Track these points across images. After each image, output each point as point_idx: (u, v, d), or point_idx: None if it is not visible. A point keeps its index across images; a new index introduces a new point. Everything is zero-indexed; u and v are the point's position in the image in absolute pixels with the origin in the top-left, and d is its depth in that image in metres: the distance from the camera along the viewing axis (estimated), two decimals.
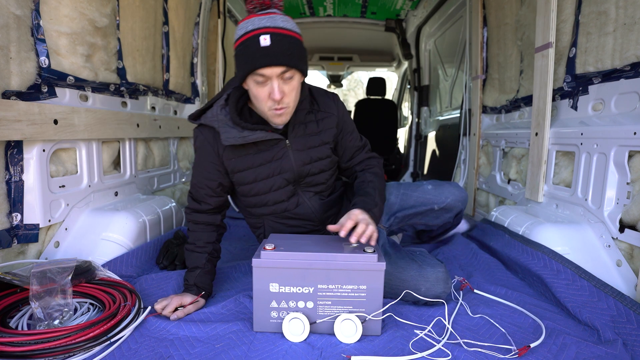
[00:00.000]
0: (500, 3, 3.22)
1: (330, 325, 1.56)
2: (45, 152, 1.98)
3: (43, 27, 1.95)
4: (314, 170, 1.90)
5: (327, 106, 1.92)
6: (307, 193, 1.94)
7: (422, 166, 6.10)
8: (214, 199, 1.87)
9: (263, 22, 1.54)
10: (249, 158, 1.79)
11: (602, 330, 1.56)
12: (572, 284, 1.90)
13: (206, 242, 1.84)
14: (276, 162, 1.82)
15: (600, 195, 2.11)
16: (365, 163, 2.03)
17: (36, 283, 1.50)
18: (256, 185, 1.84)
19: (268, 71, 1.54)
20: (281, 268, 1.53)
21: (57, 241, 2.09)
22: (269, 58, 1.51)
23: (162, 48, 3.15)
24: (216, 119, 1.74)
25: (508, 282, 2.15)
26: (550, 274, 2.00)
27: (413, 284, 1.78)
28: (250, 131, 1.71)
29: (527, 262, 2.14)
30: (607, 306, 1.73)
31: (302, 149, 1.84)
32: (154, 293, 1.91)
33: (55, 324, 1.49)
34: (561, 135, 2.44)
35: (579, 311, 1.71)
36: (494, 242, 2.55)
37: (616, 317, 1.66)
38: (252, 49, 1.52)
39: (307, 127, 1.86)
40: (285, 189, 1.87)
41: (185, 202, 3.59)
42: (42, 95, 1.97)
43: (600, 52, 2.13)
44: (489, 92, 3.54)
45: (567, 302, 1.80)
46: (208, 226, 1.87)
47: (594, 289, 1.83)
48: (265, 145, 1.79)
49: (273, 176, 1.84)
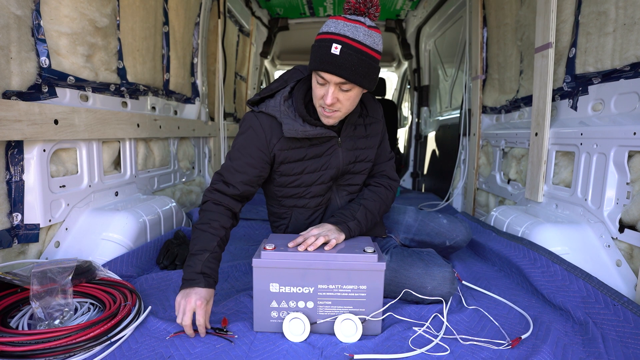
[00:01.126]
0: (500, 3, 3.22)
1: (330, 325, 1.56)
2: (46, 152, 1.98)
3: (43, 27, 1.96)
4: (355, 170, 1.94)
5: (375, 112, 1.98)
6: (342, 192, 1.97)
7: (422, 166, 6.11)
8: (246, 187, 1.79)
9: (344, 30, 1.53)
10: (301, 151, 1.80)
11: (574, 312, 1.69)
12: (546, 270, 2.01)
13: (221, 225, 1.69)
14: (326, 157, 1.84)
15: (600, 195, 2.12)
16: (377, 179, 2.04)
17: (37, 283, 1.50)
18: (302, 177, 1.84)
19: (328, 77, 1.56)
20: (281, 268, 1.54)
21: (58, 241, 2.09)
22: (332, 67, 1.53)
23: (163, 48, 3.15)
24: (278, 109, 1.74)
25: (486, 274, 2.27)
26: (528, 263, 2.11)
27: (419, 281, 1.79)
28: (311, 126, 1.73)
29: (509, 254, 2.24)
30: (577, 288, 1.86)
31: (350, 148, 1.88)
32: (154, 293, 1.92)
33: (56, 324, 1.49)
34: (561, 135, 2.44)
35: (553, 296, 1.84)
36: (478, 236, 2.66)
37: (586, 297, 1.79)
38: (323, 51, 1.54)
39: (357, 129, 1.90)
40: (327, 184, 1.89)
41: (185, 202, 3.63)
42: (42, 96, 1.98)
43: (600, 52, 2.13)
44: (488, 92, 3.54)
45: (542, 289, 1.93)
46: (227, 210, 1.76)
47: (565, 273, 1.94)
48: (318, 140, 1.81)
49: (320, 170, 1.85)
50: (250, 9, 5.25)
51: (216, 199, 1.74)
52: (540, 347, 1.43)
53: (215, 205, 1.74)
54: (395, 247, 2.01)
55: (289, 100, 1.76)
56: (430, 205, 4.29)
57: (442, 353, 1.44)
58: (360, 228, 1.83)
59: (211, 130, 4.16)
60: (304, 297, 1.55)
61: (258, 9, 5.52)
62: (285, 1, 5.35)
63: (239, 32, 5.22)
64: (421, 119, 6.17)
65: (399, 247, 2.02)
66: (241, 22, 5.13)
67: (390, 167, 2.08)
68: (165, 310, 1.75)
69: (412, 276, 1.80)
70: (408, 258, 1.86)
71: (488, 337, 1.56)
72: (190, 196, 3.75)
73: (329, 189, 1.92)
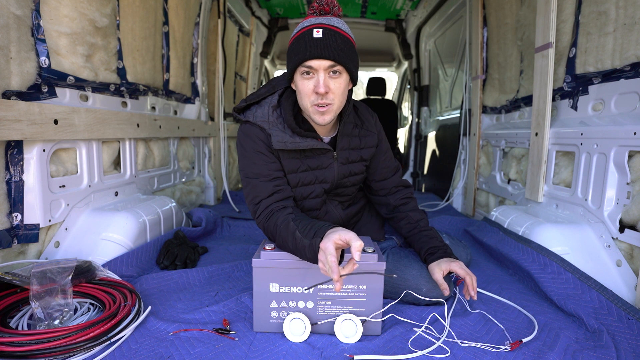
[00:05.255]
0: (500, 3, 3.22)
1: (330, 326, 1.56)
2: (46, 152, 1.98)
3: (43, 27, 1.96)
4: (347, 183, 1.90)
5: (369, 124, 1.93)
6: (333, 202, 1.94)
7: (422, 166, 6.11)
8: (278, 188, 1.69)
9: (319, 20, 1.54)
10: (295, 162, 1.75)
11: (587, 319, 1.64)
12: (557, 277, 1.97)
13: (292, 230, 1.49)
14: (320, 170, 1.80)
15: (600, 195, 2.12)
16: (402, 196, 2.01)
17: (36, 283, 1.50)
18: (296, 190, 1.79)
19: (316, 63, 1.52)
20: (281, 268, 1.54)
21: (58, 241, 2.09)
22: (318, 50, 1.50)
23: (162, 48, 3.16)
24: (267, 120, 1.69)
25: (500, 278, 2.22)
26: (538, 268, 2.06)
27: (414, 283, 1.77)
28: (301, 138, 1.68)
29: (518, 258, 2.20)
30: (589, 298, 1.82)
31: (344, 162, 1.84)
32: (154, 293, 1.92)
33: (56, 324, 1.49)
34: (561, 135, 2.44)
35: (564, 302, 1.79)
36: (487, 239, 2.61)
37: (598, 309, 1.75)
38: (304, 40, 1.52)
39: (352, 141, 1.85)
40: (321, 197, 1.86)
41: (185, 202, 3.63)
42: (42, 95, 1.98)
43: (600, 52, 2.13)
44: (489, 92, 3.55)
45: (553, 295, 1.88)
46: (288, 215, 1.59)
47: (577, 282, 1.90)
48: (312, 152, 1.76)
49: (314, 184, 1.81)
50: (250, 8, 5.25)
51: (273, 224, 1.60)
52: (547, 354, 1.40)
53: (276, 228, 1.58)
54: (393, 247, 2.00)
55: (277, 110, 1.72)
56: (430, 205, 4.29)
57: (442, 355, 1.42)
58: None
59: (211, 130, 4.17)
60: (303, 297, 1.55)
61: (258, 9, 5.52)
62: (285, 1, 5.35)
63: (239, 32, 5.23)
64: (421, 118, 6.17)
65: (397, 247, 2.01)
66: (241, 22, 5.13)
67: (400, 177, 2.06)
68: (166, 310, 1.74)
69: (408, 277, 1.79)
70: (404, 259, 1.86)
71: (492, 341, 1.53)
72: (190, 196, 3.75)
73: (324, 202, 1.90)
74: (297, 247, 1.44)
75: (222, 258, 2.50)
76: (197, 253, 2.47)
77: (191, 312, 1.71)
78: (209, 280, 2.11)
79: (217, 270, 2.19)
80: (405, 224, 1.96)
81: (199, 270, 2.16)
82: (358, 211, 2.10)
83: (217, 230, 3.15)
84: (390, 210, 2.01)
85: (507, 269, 2.34)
